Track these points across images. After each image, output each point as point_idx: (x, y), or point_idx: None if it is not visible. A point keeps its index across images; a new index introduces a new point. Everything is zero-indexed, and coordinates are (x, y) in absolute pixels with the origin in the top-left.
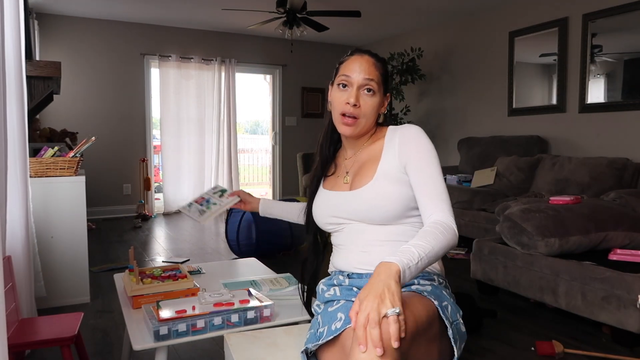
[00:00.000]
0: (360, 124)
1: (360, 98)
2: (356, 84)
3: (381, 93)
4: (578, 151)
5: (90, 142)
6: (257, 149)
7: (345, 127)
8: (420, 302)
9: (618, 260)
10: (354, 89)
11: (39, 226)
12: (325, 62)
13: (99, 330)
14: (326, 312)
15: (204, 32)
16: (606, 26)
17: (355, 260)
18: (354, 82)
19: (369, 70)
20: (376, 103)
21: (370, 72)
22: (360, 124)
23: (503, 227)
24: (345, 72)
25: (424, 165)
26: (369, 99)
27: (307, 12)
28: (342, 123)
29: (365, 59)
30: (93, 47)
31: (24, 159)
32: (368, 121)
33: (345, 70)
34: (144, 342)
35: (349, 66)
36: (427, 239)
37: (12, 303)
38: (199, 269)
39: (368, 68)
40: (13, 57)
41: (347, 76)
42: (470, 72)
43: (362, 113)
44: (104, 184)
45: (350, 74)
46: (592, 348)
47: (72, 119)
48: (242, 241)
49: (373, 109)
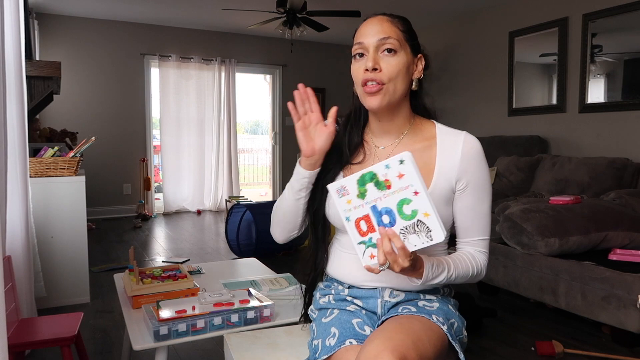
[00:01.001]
0: (389, 91)
1: (380, 61)
2: (371, 47)
3: (407, 52)
4: (578, 151)
5: (90, 142)
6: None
7: (370, 97)
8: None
9: (618, 260)
10: (370, 54)
11: (39, 226)
12: (325, 62)
13: (99, 330)
14: (320, 322)
15: (204, 32)
16: (606, 26)
17: (363, 274)
18: (369, 45)
19: (384, 28)
20: (402, 63)
21: (386, 30)
22: (389, 90)
23: (503, 227)
24: (358, 39)
25: (483, 196)
26: (391, 59)
27: (307, 12)
28: (366, 94)
29: (379, 18)
30: (93, 47)
31: (24, 159)
32: (397, 86)
33: (359, 37)
34: (144, 342)
35: (361, 31)
36: (463, 270)
37: (12, 303)
38: (199, 269)
39: (382, 26)
40: (13, 57)
41: (361, 43)
42: (470, 72)
43: (387, 76)
44: (104, 184)
45: (363, 39)
46: (592, 348)
47: (72, 119)
48: (242, 241)
49: (399, 70)
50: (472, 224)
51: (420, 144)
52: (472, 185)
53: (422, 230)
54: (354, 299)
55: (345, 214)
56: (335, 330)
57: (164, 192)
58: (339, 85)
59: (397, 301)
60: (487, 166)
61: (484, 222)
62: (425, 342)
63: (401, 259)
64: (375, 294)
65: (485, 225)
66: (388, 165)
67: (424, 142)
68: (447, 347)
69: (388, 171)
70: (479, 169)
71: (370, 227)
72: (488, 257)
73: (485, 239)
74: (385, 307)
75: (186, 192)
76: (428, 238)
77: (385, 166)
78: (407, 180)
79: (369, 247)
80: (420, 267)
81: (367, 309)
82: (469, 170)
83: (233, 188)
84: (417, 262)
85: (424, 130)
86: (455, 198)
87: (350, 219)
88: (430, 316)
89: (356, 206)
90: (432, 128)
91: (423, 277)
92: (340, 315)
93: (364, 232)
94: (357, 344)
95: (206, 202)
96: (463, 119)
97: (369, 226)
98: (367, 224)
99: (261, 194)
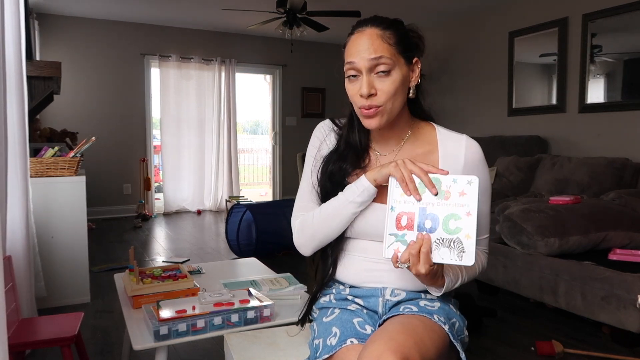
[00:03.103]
0: (386, 111)
1: (374, 83)
2: (364, 69)
3: (402, 65)
4: (578, 151)
5: (90, 142)
6: (257, 149)
7: (368, 120)
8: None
9: (618, 260)
10: (364, 76)
11: (39, 226)
12: (325, 62)
13: (99, 330)
14: (321, 322)
15: (204, 32)
16: (606, 26)
17: (365, 275)
18: (361, 67)
19: (375, 46)
20: (398, 81)
21: (377, 47)
22: (386, 110)
23: (503, 227)
24: (348, 59)
25: (484, 198)
26: (386, 80)
27: (307, 12)
28: (364, 117)
29: (367, 33)
30: (93, 47)
31: (24, 159)
32: (395, 104)
33: (349, 55)
34: (144, 342)
35: (351, 49)
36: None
37: (13, 303)
38: (199, 269)
39: (373, 44)
40: (13, 57)
41: (351, 62)
42: (470, 72)
43: (384, 99)
44: (104, 184)
45: (353, 59)
46: (592, 348)
47: (72, 119)
48: (242, 241)
49: (396, 89)
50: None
51: (422, 149)
52: None
53: (456, 248)
54: (355, 298)
55: (392, 203)
56: (336, 329)
57: (164, 192)
58: (339, 85)
59: (398, 300)
60: (487, 168)
61: (485, 222)
62: (427, 342)
63: (421, 263)
64: (377, 293)
65: (486, 225)
66: (455, 180)
67: (425, 146)
68: (449, 346)
69: (453, 184)
70: (482, 174)
71: (410, 225)
72: (488, 255)
73: (485, 238)
74: (386, 306)
75: (186, 192)
76: (458, 257)
77: (453, 180)
78: (466, 200)
79: (398, 242)
80: (439, 277)
81: (368, 308)
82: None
83: (233, 188)
84: (437, 272)
85: (424, 134)
86: None
87: (394, 209)
88: (432, 316)
89: (407, 201)
90: (432, 131)
91: (444, 289)
92: (341, 315)
93: (402, 226)
94: (358, 343)
95: (206, 202)
96: (463, 119)
97: (409, 224)
98: (408, 221)
99: (261, 194)
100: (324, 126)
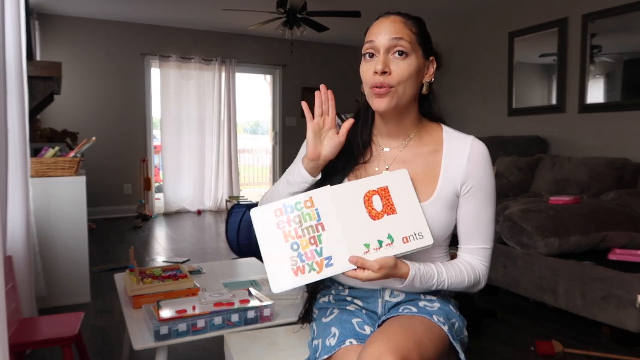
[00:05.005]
0: (397, 94)
1: (390, 63)
2: (382, 47)
3: (419, 55)
4: (578, 151)
5: (90, 142)
6: (257, 149)
7: (378, 99)
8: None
9: (617, 260)
10: (380, 55)
11: (39, 226)
12: (325, 62)
13: (100, 330)
14: (320, 322)
15: (204, 32)
16: (606, 26)
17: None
18: (380, 46)
19: (397, 29)
20: (412, 67)
21: (398, 30)
22: (397, 93)
23: (503, 227)
24: (368, 38)
25: (486, 202)
26: (402, 63)
27: (307, 13)
28: (374, 95)
29: (392, 18)
30: (94, 47)
31: (24, 159)
32: (407, 90)
33: (370, 35)
34: (144, 342)
35: (372, 30)
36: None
37: (13, 303)
38: (199, 268)
39: (395, 27)
40: (14, 58)
41: (371, 41)
42: (470, 72)
43: (397, 79)
44: (104, 184)
45: (374, 38)
46: (591, 348)
47: (73, 119)
48: (242, 241)
49: (409, 74)
50: (474, 230)
51: (427, 148)
52: (476, 189)
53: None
54: (354, 298)
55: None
56: (335, 330)
57: (164, 192)
58: (339, 85)
59: (398, 301)
60: (492, 173)
61: (486, 230)
62: (427, 343)
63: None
64: (376, 293)
65: (487, 233)
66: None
67: (430, 145)
68: (448, 347)
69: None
70: (485, 174)
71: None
72: (488, 269)
73: (486, 249)
74: (385, 307)
75: (186, 192)
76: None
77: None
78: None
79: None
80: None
81: (368, 308)
82: (474, 174)
83: (233, 188)
84: (394, 268)
85: (431, 134)
86: (459, 203)
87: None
88: (431, 316)
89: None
90: (439, 131)
91: (408, 277)
92: (340, 315)
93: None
94: (358, 343)
95: (206, 202)
96: (463, 119)
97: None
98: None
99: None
100: None
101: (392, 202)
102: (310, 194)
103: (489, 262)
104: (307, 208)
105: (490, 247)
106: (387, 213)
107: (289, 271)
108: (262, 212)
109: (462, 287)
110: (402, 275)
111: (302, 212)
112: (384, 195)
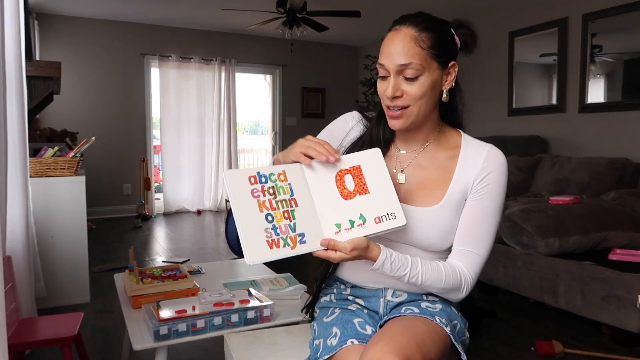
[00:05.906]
0: (412, 114)
1: (401, 85)
2: (392, 71)
3: (434, 68)
4: (578, 151)
5: (90, 142)
6: (257, 149)
7: (393, 121)
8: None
9: (618, 260)
10: (391, 78)
11: (39, 226)
12: (325, 62)
13: (99, 330)
14: (321, 322)
15: (204, 32)
16: (606, 26)
17: (367, 275)
18: (389, 69)
19: (406, 51)
20: (426, 85)
21: (408, 53)
22: (412, 113)
23: (503, 227)
24: (380, 59)
25: (491, 209)
26: (413, 85)
27: (307, 12)
28: (389, 117)
29: (403, 34)
30: (93, 47)
31: (24, 159)
32: (422, 106)
33: (380, 56)
34: (144, 342)
35: (383, 49)
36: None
37: (13, 303)
38: (199, 269)
39: (404, 48)
40: (13, 57)
41: (381, 64)
42: (470, 72)
43: (410, 100)
44: (104, 184)
45: (383, 61)
46: (592, 348)
47: (72, 119)
48: None
49: (423, 92)
50: (470, 234)
51: (444, 153)
52: (485, 194)
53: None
54: (355, 298)
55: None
56: (336, 329)
57: (164, 192)
58: (339, 85)
59: (400, 301)
60: (505, 184)
61: (482, 237)
62: (429, 344)
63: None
64: (378, 293)
65: (483, 241)
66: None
67: (448, 151)
68: (450, 348)
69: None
70: (497, 182)
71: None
72: (474, 278)
73: (476, 255)
74: (387, 307)
75: (186, 192)
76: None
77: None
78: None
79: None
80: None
81: (369, 308)
82: (486, 178)
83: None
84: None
85: (449, 140)
86: (465, 204)
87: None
88: (434, 317)
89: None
90: (457, 138)
91: (378, 260)
92: (341, 315)
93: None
94: (359, 343)
95: (206, 202)
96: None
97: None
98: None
99: None
100: (355, 115)
101: (365, 181)
102: (283, 167)
103: (475, 271)
104: (280, 181)
105: (482, 256)
106: (359, 193)
107: (263, 243)
108: (236, 175)
109: (439, 287)
110: (373, 258)
111: (276, 185)
112: (357, 174)
